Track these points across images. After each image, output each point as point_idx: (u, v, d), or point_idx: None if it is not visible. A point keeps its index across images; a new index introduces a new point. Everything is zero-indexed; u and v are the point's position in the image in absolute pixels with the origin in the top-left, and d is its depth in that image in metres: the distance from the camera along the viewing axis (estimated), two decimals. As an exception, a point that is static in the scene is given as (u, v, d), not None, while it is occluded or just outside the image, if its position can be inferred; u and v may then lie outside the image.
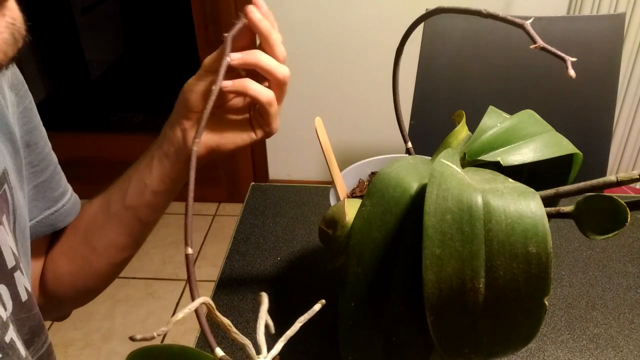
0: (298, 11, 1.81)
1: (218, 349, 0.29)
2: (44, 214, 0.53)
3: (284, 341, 0.30)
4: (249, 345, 0.29)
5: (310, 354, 0.60)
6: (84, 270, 0.58)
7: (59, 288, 0.58)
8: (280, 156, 2.15)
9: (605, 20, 1.20)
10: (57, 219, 0.54)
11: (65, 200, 0.55)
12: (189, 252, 0.32)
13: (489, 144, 0.49)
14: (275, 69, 0.48)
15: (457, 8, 0.47)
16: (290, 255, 0.75)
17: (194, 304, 0.27)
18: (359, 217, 0.40)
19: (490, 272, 0.34)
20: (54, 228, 0.54)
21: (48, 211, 0.53)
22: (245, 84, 0.47)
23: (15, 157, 0.48)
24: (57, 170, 0.55)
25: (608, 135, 1.20)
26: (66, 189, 0.56)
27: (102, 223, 0.56)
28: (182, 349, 0.28)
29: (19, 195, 0.47)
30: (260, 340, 0.30)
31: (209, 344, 0.30)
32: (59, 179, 0.55)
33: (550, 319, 0.64)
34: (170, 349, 0.28)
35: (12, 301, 0.43)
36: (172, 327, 0.25)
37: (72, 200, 0.56)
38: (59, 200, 0.54)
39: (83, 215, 0.58)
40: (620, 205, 0.35)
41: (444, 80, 1.22)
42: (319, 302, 0.32)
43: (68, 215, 0.55)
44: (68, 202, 0.55)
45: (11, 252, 0.43)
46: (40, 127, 0.52)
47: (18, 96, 0.49)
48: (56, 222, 0.54)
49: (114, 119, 2.55)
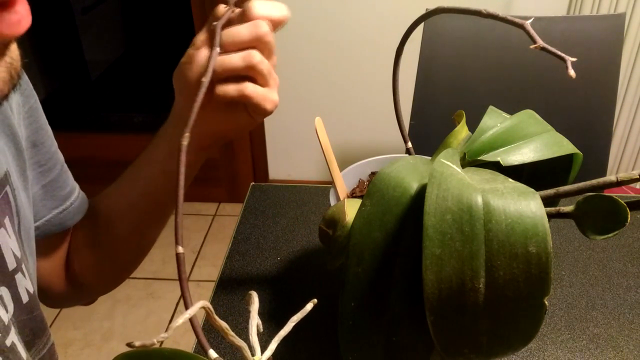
0: (298, 11, 1.81)
1: (211, 351, 0.29)
2: (53, 213, 0.53)
3: (277, 341, 0.30)
4: (245, 348, 0.29)
5: (310, 354, 0.60)
6: (110, 260, 0.59)
7: (87, 277, 0.59)
8: (280, 156, 2.15)
9: (605, 20, 1.20)
10: (66, 217, 0.54)
11: (73, 199, 0.55)
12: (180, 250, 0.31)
13: (489, 144, 0.49)
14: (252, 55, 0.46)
15: (457, 8, 0.47)
16: (290, 255, 0.75)
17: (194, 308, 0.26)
18: (359, 217, 0.40)
19: (490, 272, 0.34)
20: (64, 227, 0.55)
21: (56, 210, 0.53)
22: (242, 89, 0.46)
23: (19, 158, 0.48)
24: (64, 169, 0.55)
25: (608, 135, 1.20)
26: (73, 187, 0.56)
27: (123, 212, 0.56)
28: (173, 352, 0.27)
29: (22, 196, 0.47)
30: (254, 341, 0.30)
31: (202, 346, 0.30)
32: (66, 178, 0.55)
33: (550, 319, 0.64)
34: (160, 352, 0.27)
35: (13, 303, 0.43)
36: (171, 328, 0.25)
37: (80, 198, 0.56)
38: (67, 199, 0.55)
39: (99, 207, 0.58)
40: (620, 205, 0.35)
41: (444, 80, 1.22)
42: (311, 301, 0.31)
43: (77, 213, 0.56)
44: (76, 201, 0.56)
45: (12, 254, 0.43)
46: (46, 127, 0.52)
47: (23, 96, 0.49)
48: (65, 220, 0.54)
49: (114, 119, 2.55)
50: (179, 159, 0.36)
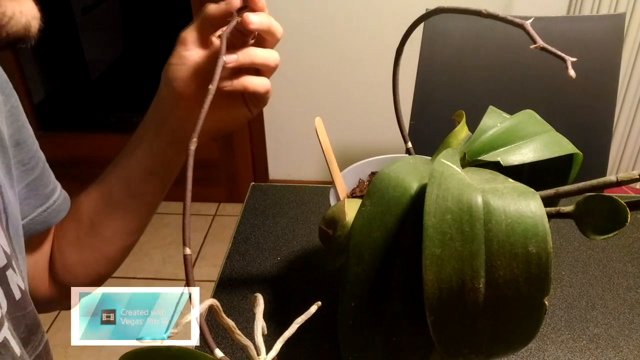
0: (298, 11, 1.81)
1: (217, 350, 0.29)
2: (37, 212, 0.53)
3: (282, 342, 0.30)
4: (251, 347, 0.29)
5: (310, 354, 0.60)
6: (94, 258, 0.58)
7: (71, 278, 0.59)
8: (280, 156, 2.15)
9: (605, 20, 1.20)
10: (50, 215, 0.54)
11: (56, 197, 0.55)
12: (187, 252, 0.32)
13: (489, 144, 0.49)
14: (268, 60, 0.49)
15: (457, 8, 0.47)
16: (290, 255, 0.75)
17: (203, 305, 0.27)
18: (359, 217, 0.40)
19: (490, 272, 0.34)
20: (48, 225, 0.55)
21: (40, 208, 0.53)
22: (243, 82, 0.48)
23: (4, 156, 0.48)
24: (46, 167, 0.55)
25: (608, 135, 1.20)
26: (55, 185, 0.56)
27: (107, 212, 0.56)
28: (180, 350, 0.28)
29: (9, 193, 0.47)
30: (259, 341, 0.30)
31: (208, 345, 0.30)
32: (49, 176, 0.55)
33: (550, 319, 0.64)
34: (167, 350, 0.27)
35: (6, 300, 0.43)
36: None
37: (62, 196, 0.56)
38: (50, 197, 0.54)
39: (82, 206, 0.58)
40: (620, 205, 0.35)
41: (444, 80, 1.22)
42: (315, 303, 0.32)
43: (60, 211, 0.55)
44: (59, 198, 0.55)
45: (2, 250, 0.43)
46: (27, 125, 0.52)
47: (4, 95, 0.49)
48: (49, 218, 0.54)
49: (114, 119, 2.55)
50: (187, 163, 0.37)
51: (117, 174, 0.56)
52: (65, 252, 0.58)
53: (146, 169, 0.54)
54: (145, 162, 0.54)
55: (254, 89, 0.49)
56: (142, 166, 0.54)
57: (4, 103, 0.49)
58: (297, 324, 0.31)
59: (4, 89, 0.49)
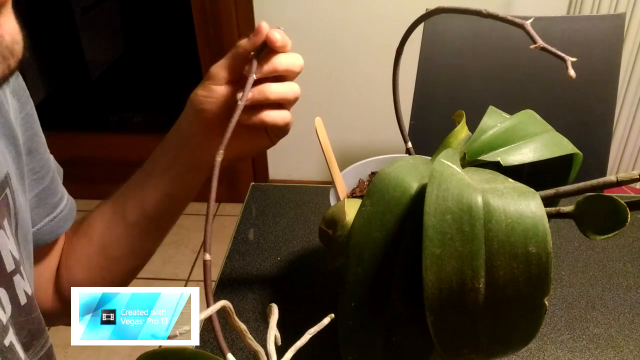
0: (298, 11, 1.81)
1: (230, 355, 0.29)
2: (44, 221, 0.53)
3: (293, 351, 0.30)
4: (262, 352, 0.29)
5: (310, 354, 0.60)
6: (101, 277, 0.58)
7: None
8: (280, 156, 2.15)
9: (605, 20, 1.20)
10: (56, 224, 0.54)
11: (62, 206, 0.55)
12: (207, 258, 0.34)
13: (489, 144, 0.49)
14: (286, 94, 0.50)
15: (457, 8, 0.47)
16: (290, 255, 0.75)
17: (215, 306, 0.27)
18: (359, 217, 0.40)
19: (490, 272, 0.34)
20: (55, 235, 0.54)
21: (47, 218, 0.53)
22: (261, 117, 0.50)
23: (18, 161, 0.48)
24: (55, 176, 0.55)
25: (608, 135, 1.20)
26: (63, 193, 0.56)
27: (119, 233, 0.56)
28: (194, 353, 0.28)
29: (20, 199, 0.47)
30: (271, 349, 0.30)
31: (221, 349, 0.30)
32: (57, 184, 0.55)
33: (550, 319, 0.64)
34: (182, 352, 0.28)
35: (11, 304, 0.43)
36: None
37: (69, 205, 0.56)
38: (57, 206, 0.54)
39: (94, 224, 0.57)
40: (620, 205, 0.35)
41: (444, 80, 1.22)
42: (329, 315, 0.32)
43: (67, 220, 0.55)
44: (65, 208, 0.55)
45: (11, 256, 0.43)
46: (41, 134, 0.52)
47: (20, 102, 0.49)
48: (56, 228, 0.54)
49: (114, 119, 2.55)
50: (212, 173, 0.40)
51: (132, 195, 0.56)
52: (72, 269, 0.58)
53: (163, 192, 0.55)
54: (162, 185, 0.54)
55: (273, 123, 0.50)
56: (158, 189, 0.55)
57: (19, 110, 0.49)
58: (310, 335, 0.31)
59: (20, 96, 0.49)
